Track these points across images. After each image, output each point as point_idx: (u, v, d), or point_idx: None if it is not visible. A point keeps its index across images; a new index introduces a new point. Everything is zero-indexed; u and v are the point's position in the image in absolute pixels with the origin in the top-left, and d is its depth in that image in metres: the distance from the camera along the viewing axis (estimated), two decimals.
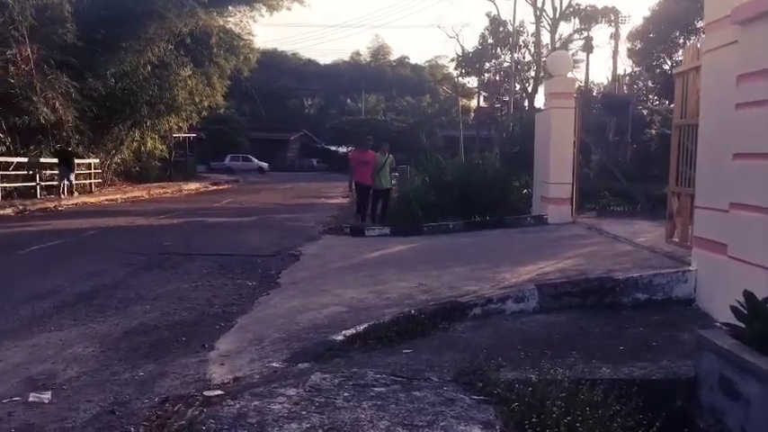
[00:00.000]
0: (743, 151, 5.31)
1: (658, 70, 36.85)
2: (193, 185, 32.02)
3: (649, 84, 39.11)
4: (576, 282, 6.37)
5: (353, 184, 15.02)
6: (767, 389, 3.60)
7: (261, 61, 41.70)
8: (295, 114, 68.52)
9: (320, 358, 4.94)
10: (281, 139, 61.80)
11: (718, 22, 5.87)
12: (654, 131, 25.10)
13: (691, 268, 6.35)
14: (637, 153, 25.28)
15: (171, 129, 30.84)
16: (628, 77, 40.76)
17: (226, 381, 4.68)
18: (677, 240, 7.91)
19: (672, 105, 25.44)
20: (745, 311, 4.22)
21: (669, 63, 35.98)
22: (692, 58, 7.51)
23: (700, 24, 33.41)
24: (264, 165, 57.94)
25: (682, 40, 34.88)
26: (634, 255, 8.32)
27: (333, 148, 63.31)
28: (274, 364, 4.90)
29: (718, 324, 5.66)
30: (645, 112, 28.99)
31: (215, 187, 33.51)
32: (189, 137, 36.64)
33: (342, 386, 4.21)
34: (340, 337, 5.30)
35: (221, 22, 29.06)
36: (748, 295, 4.19)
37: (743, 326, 4.26)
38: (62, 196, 22.28)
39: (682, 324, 5.71)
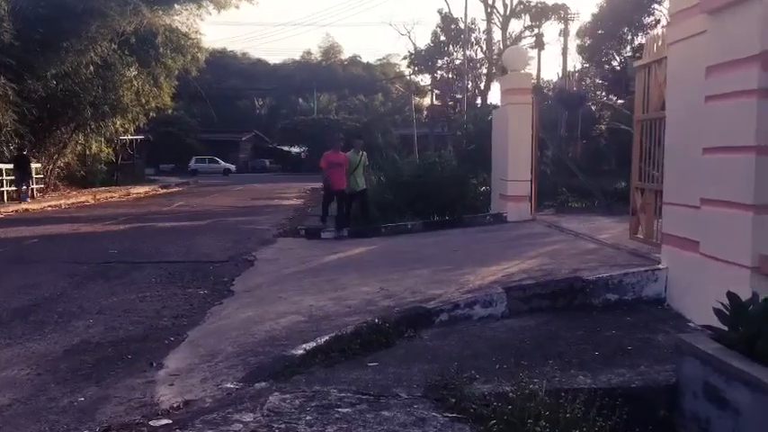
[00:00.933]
0: (714, 145, 5.13)
1: (607, 66, 37.24)
2: (142, 189, 31.11)
3: (597, 81, 39.53)
4: (544, 284, 6.13)
5: (327, 189, 13.75)
6: (759, 398, 3.38)
7: (210, 61, 40.76)
8: (246, 115, 67.43)
9: (279, 376, 4.56)
10: (233, 140, 60.74)
11: (686, 11, 5.69)
12: (603, 127, 25.31)
13: (660, 267, 6.17)
14: (586, 149, 25.45)
15: (117, 131, 29.77)
16: (577, 74, 41.14)
17: (175, 405, 4.27)
18: (642, 237, 7.77)
19: (621, 101, 25.73)
20: (729, 313, 4.01)
21: (618, 59, 36.40)
22: (654, 51, 7.36)
23: (647, 20, 34.05)
24: (231, 167, 56.97)
25: (630, 37, 35.29)
26: (598, 253, 8.15)
27: (285, 148, 62.54)
28: (228, 385, 4.51)
29: (692, 324, 5.50)
30: (594, 108, 29.24)
31: (165, 190, 32.62)
32: (136, 139, 35.54)
33: (303, 408, 3.86)
34: (300, 352, 4.94)
35: (167, 21, 28.15)
36: (732, 297, 3.98)
37: (725, 328, 4.06)
38: (27, 201, 22.37)
39: (655, 325, 5.52)
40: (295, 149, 62.34)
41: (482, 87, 47.62)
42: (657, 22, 33.80)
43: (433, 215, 13.60)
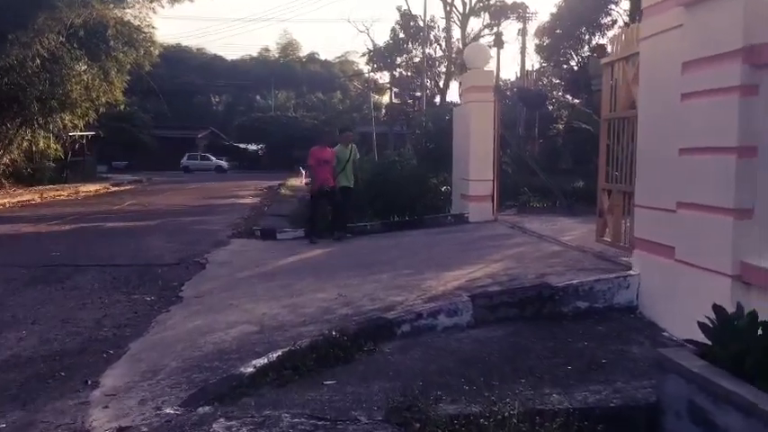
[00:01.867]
0: (691, 146, 4.86)
1: (565, 66, 37.43)
2: (92, 187, 30.09)
3: (554, 80, 39.73)
4: (512, 291, 5.80)
5: (315, 190, 12.31)
6: (754, 424, 3.09)
7: (164, 56, 39.68)
8: (202, 111, 66.15)
9: (225, 398, 4.14)
10: (188, 137, 59.40)
11: (660, 4, 5.42)
12: (561, 126, 25.27)
13: (632, 272, 5.89)
14: (543, 148, 25.38)
15: (66, 127, 28.63)
16: (535, 73, 41.28)
17: None
18: (609, 240, 7.51)
19: (577, 100, 25.76)
20: (714, 327, 3.72)
21: (576, 59, 36.59)
22: (622, 47, 7.10)
23: (604, 21, 34.29)
24: (224, 164, 55.74)
25: (587, 37, 35.50)
26: (564, 256, 7.87)
27: (242, 145, 61.56)
28: (168, 410, 4.04)
29: (666, 334, 5.23)
30: (551, 107, 29.25)
31: (116, 188, 31.63)
32: (87, 135, 34.36)
33: None
34: (249, 370, 4.50)
35: (118, 14, 27.14)
36: (718, 310, 3.68)
37: (707, 342, 3.77)
38: None
39: (628, 335, 5.23)
40: (252, 147, 61.41)
41: (441, 86, 47.52)
42: (614, 22, 34.13)
43: (394, 215, 13.23)
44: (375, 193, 14.09)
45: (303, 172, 33.75)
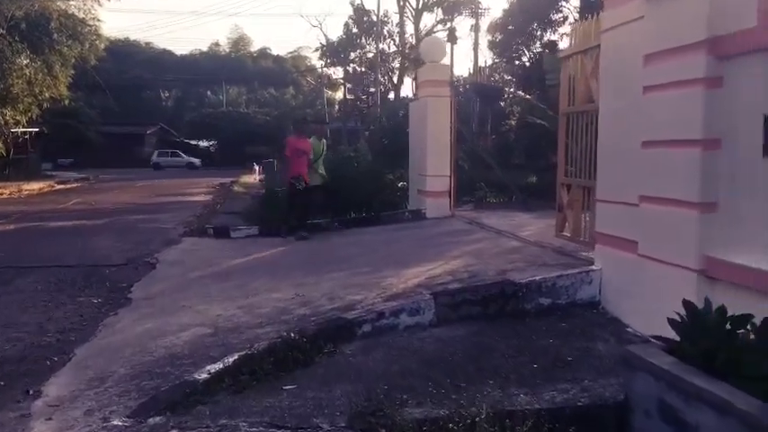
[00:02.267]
0: (654, 139, 4.81)
1: (517, 62, 37.71)
2: (36, 185, 29.02)
3: (506, 77, 40.03)
4: (474, 288, 5.68)
5: (290, 181, 11.63)
6: (727, 420, 3.01)
7: (111, 50, 38.69)
8: (151, 107, 64.68)
9: (178, 407, 3.90)
10: (136, 133, 58.00)
11: None
12: (513, 122, 25.44)
13: (594, 268, 5.83)
14: (496, 143, 25.52)
15: (7, 123, 27.65)
16: (488, 69, 41.53)
17: None
18: (569, 235, 7.48)
19: (528, 96, 25.99)
20: (683, 323, 3.66)
21: (528, 55, 36.88)
22: (580, 40, 7.05)
23: (555, 17, 34.63)
24: (196, 160, 54.33)
25: (539, 33, 35.81)
26: (524, 251, 7.81)
27: (193, 142, 60.45)
28: (116, 422, 3.79)
29: (630, 330, 5.18)
30: (502, 103, 29.45)
31: (62, 186, 30.60)
32: (30, 132, 33.26)
33: None
34: (204, 376, 4.28)
35: (62, 6, 26.30)
36: (688, 305, 3.61)
37: (677, 339, 3.71)
38: None
39: (592, 332, 5.17)
40: (203, 143, 60.35)
41: (395, 81, 47.45)
42: (565, 18, 34.52)
43: (350, 212, 13.04)
44: (331, 190, 13.86)
45: (256, 168, 33.32)
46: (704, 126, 4.24)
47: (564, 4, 34.58)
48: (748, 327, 3.57)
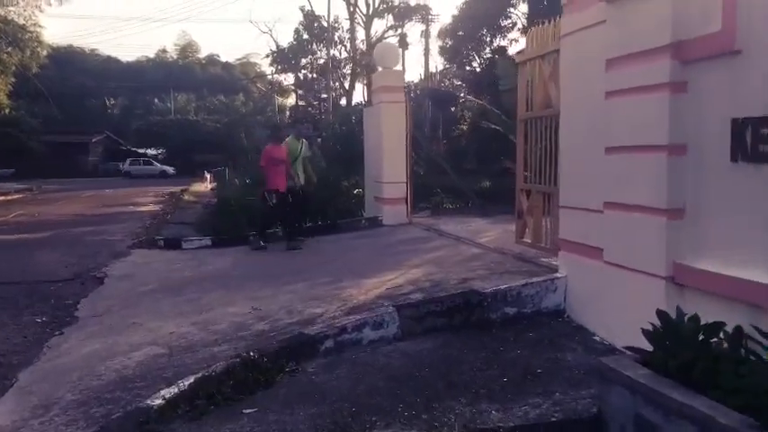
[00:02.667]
0: (618, 144, 4.74)
1: (468, 68, 37.98)
2: None
3: (456, 82, 40.30)
4: (439, 299, 5.53)
5: (266, 193, 10.89)
6: None
7: (53, 57, 37.65)
8: (96, 115, 63.00)
9: None
10: (81, 142, 56.34)
11: (582, 0, 5.29)
12: (464, 127, 25.55)
13: (559, 275, 5.75)
14: (448, 149, 25.60)
15: None
16: (439, 74, 41.76)
17: None
18: (529, 241, 7.41)
19: (478, 102, 26.17)
20: (657, 333, 3.57)
21: (478, 60, 37.19)
22: (538, 45, 6.99)
23: (504, 23, 34.99)
24: (169, 169, 52.63)
25: (488, 39, 36.15)
26: (484, 258, 7.72)
27: (141, 150, 59.16)
28: None
29: (597, 339, 5.10)
30: (453, 108, 29.60)
31: (2, 198, 29.48)
32: None
33: None
34: (158, 401, 4.02)
35: (1, 12, 25.44)
36: (663, 315, 3.53)
37: (649, 349, 3.62)
38: None
39: (560, 342, 5.07)
40: (151, 151, 59.10)
41: (347, 87, 47.28)
42: (514, 24, 34.93)
43: (305, 220, 12.78)
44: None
45: (208, 176, 32.71)
46: (670, 131, 4.18)
47: (512, 10, 35.00)
48: (721, 335, 3.53)
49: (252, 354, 4.63)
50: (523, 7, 33.68)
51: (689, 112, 4.13)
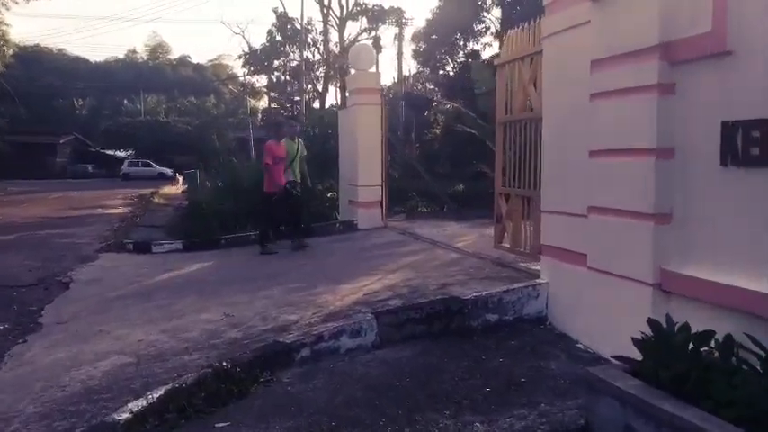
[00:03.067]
0: (603, 148, 4.64)
1: (441, 71, 38.05)
2: None
3: (429, 86, 40.33)
4: (418, 306, 5.38)
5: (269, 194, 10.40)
6: None
7: (20, 57, 36.83)
8: (64, 116, 61.75)
9: None
10: (49, 143, 55.19)
11: (565, 0, 5.19)
12: (437, 131, 25.51)
13: (541, 281, 5.63)
14: (420, 152, 25.53)
15: None
16: (412, 78, 41.76)
17: None
18: (509, 246, 7.30)
19: (449, 106, 26.17)
20: (648, 342, 3.46)
21: (451, 64, 37.29)
22: (517, 47, 6.90)
23: (478, 27, 35.13)
24: (168, 171, 50.69)
25: (462, 42, 36.30)
26: (462, 263, 7.58)
27: (110, 152, 58.21)
28: None
29: (581, 346, 5.00)
30: (426, 113, 29.56)
31: None
32: None
33: None
34: (125, 415, 3.80)
35: None
36: (654, 325, 3.42)
37: (638, 358, 3.51)
38: None
39: (543, 350, 4.95)
40: (120, 153, 58.18)
41: (320, 90, 47.03)
42: (487, 29, 35.09)
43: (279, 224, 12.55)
44: (256, 201, 13.36)
45: (179, 179, 32.25)
46: (658, 134, 4.08)
47: (486, 15, 35.15)
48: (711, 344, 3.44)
49: (225, 363, 4.43)
50: (497, 12, 33.85)
51: (677, 115, 4.04)
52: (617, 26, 4.44)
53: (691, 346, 3.41)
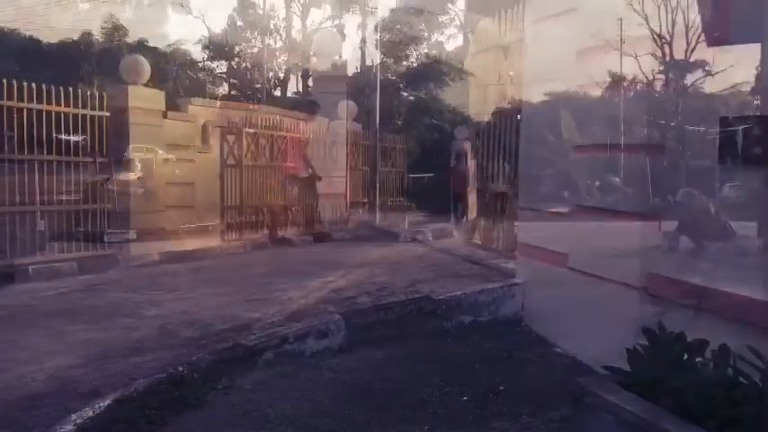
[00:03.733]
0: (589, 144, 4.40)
1: (405, 62, 37.74)
2: None
3: (390, 77, 40.00)
4: (389, 306, 5.10)
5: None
6: None
7: None
8: None
9: None
10: None
11: None
12: (400, 122, 25.25)
13: (517, 281, 5.39)
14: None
15: None
16: (376, 69, 41.37)
17: None
18: (479, 242, 7.07)
19: (418, 97, 25.91)
20: (642, 355, 3.22)
21: (416, 54, 36.99)
22: (490, 38, 6.63)
23: (443, 19, 34.95)
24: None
25: (427, 34, 36.02)
26: (431, 259, 7.36)
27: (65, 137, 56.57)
28: None
29: (559, 351, 4.77)
30: (391, 103, 29.24)
31: None
32: None
33: None
34: (68, 428, 3.41)
35: None
36: (651, 335, 3.18)
37: (625, 368, 3.28)
38: None
39: (520, 354, 4.71)
40: (75, 139, 56.57)
41: (281, 77, 46.27)
42: (452, 20, 34.92)
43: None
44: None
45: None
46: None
47: (451, 6, 34.97)
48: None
49: (181, 368, 4.06)
50: (461, 4, 33.70)
51: None
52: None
53: (685, 356, 3.20)
